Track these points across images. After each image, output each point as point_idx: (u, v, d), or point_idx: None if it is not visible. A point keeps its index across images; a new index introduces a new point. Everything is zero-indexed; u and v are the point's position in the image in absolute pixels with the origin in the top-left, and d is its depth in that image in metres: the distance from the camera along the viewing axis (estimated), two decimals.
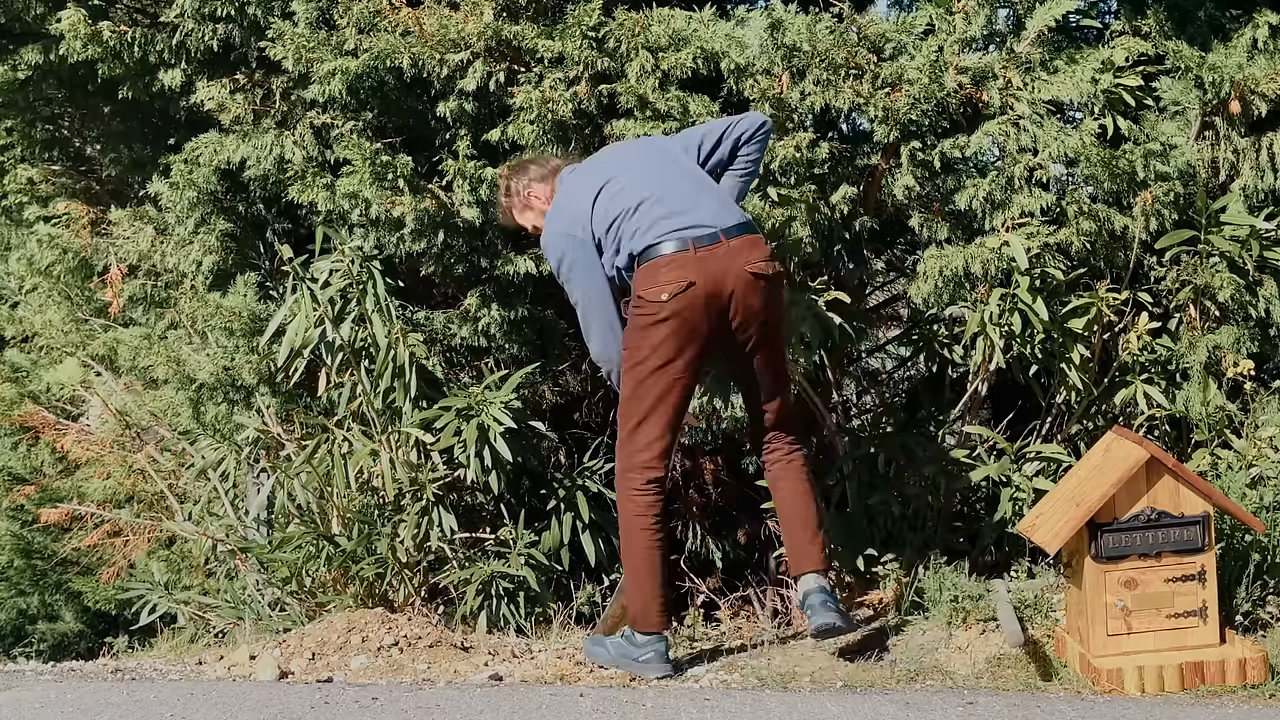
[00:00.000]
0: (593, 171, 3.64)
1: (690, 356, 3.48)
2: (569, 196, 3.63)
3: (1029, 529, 3.42)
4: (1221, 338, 4.07)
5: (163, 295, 5.21)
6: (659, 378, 3.47)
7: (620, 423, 3.57)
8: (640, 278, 3.47)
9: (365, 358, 4.43)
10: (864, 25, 4.00)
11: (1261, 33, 3.98)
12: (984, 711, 3.04)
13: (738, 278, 3.44)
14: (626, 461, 3.53)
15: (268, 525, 4.83)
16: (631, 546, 3.53)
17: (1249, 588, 3.53)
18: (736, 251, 3.46)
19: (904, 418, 4.67)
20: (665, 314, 3.41)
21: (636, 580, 3.53)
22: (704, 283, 3.41)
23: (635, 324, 3.49)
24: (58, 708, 3.10)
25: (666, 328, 3.43)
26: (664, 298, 3.41)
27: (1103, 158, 3.92)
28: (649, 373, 3.47)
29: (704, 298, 3.42)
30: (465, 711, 3.05)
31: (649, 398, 3.49)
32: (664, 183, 3.55)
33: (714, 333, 3.48)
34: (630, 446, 3.53)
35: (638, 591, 3.52)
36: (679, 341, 3.44)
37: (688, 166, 3.61)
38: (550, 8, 4.24)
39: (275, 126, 4.50)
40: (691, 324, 3.43)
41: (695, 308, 3.42)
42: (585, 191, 3.57)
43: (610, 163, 3.66)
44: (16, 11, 5.13)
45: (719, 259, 3.44)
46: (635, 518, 3.51)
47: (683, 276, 3.41)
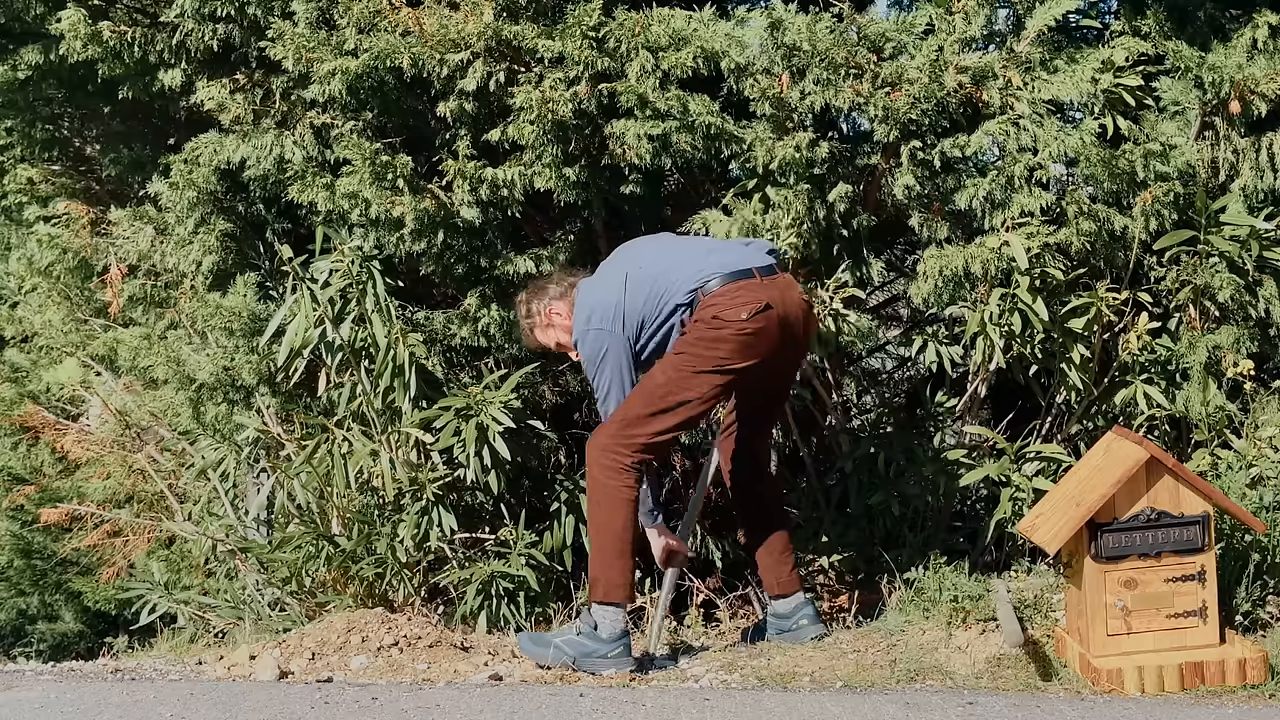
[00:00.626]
0: (611, 270, 3.75)
1: (743, 374, 3.58)
2: (595, 295, 3.70)
3: (1029, 529, 3.42)
4: (1221, 338, 4.07)
5: (163, 295, 5.21)
6: (706, 381, 3.54)
7: (633, 403, 3.58)
8: (709, 303, 3.54)
9: (365, 358, 4.43)
10: (864, 25, 4.00)
11: (1261, 33, 3.98)
12: (984, 711, 3.04)
13: (798, 306, 3.65)
14: (625, 440, 3.55)
15: (268, 525, 4.83)
16: (611, 519, 3.55)
17: (1249, 588, 3.53)
18: (791, 283, 3.69)
19: (904, 418, 4.67)
20: (747, 330, 3.50)
21: (614, 551, 3.55)
22: (778, 306, 3.56)
23: (701, 335, 3.54)
24: (57, 708, 3.10)
25: (738, 343, 3.52)
26: (743, 316, 3.50)
27: (1103, 157, 3.92)
28: (699, 374, 3.53)
29: (778, 319, 3.57)
30: (465, 711, 3.05)
31: (687, 394, 3.53)
32: (686, 247, 3.75)
33: (772, 355, 3.60)
34: (636, 428, 3.55)
35: (616, 562, 3.55)
36: (745, 357, 3.54)
37: (699, 239, 3.82)
38: (550, 8, 4.24)
39: (275, 126, 4.50)
40: (764, 343, 3.55)
41: (771, 328, 3.55)
42: (611, 288, 3.67)
43: (625, 257, 3.79)
44: (16, 11, 5.13)
45: (781, 288, 3.61)
46: (621, 490, 3.54)
47: (758, 298, 3.53)
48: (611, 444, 3.56)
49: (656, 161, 4.09)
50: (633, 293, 3.63)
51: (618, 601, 3.57)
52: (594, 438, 3.61)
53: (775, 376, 3.77)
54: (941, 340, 4.29)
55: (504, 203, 4.27)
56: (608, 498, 3.55)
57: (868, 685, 3.38)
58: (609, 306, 3.63)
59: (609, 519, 3.56)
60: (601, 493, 3.57)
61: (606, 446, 3.56)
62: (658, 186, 4.70)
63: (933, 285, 4.07)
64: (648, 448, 3.57)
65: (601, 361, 3.65)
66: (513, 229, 4.55)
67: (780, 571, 3.87)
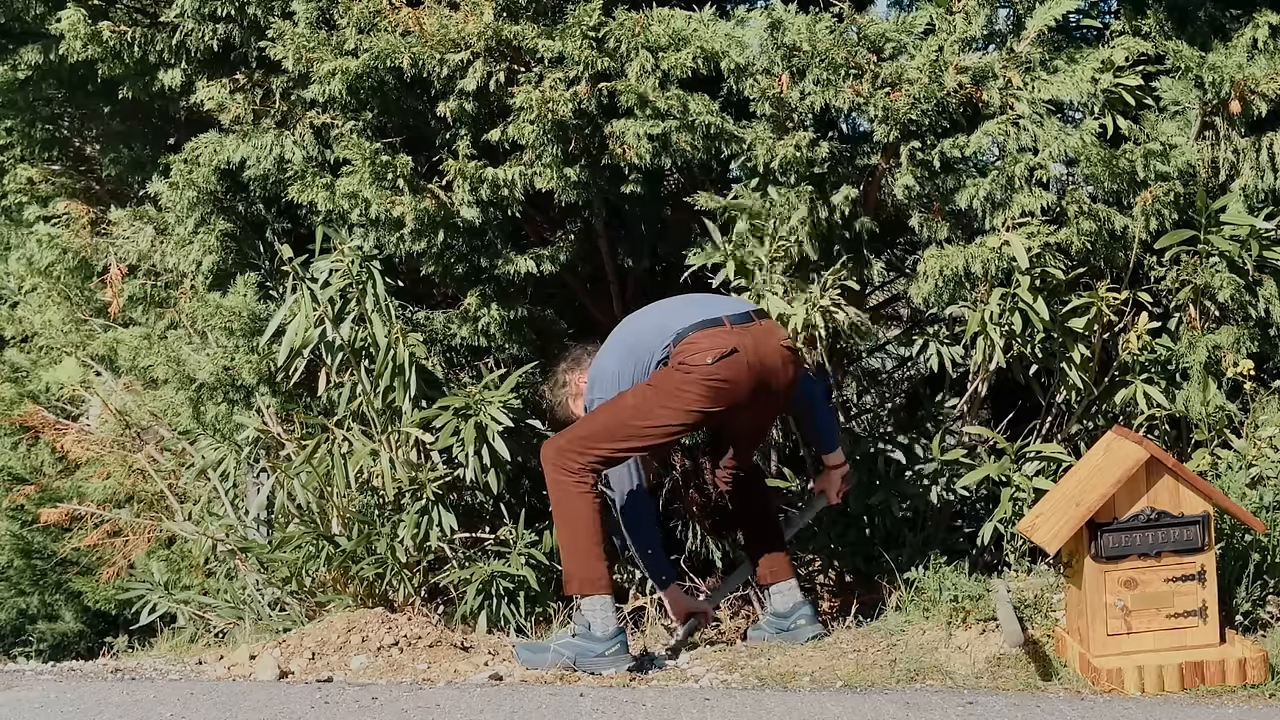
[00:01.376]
0: (612, 339, 3.82)
1: (712, 417, 3.62)
2: (597, 365, 3.80)
3: (1029, 529, 3.42)
4: (1221, 337, 4.07)
5: (163, 295, 5.21)
6: (670, 418, 3.57)
7: (597, 418, 3.63)
8: (678, 352, 3.58)
9: (365, 357, 4.43)
10: (864, 25, 4.00)
11: (1261, 33, 3.98)
12: (984, 711, 3.04)
13: (775, 351, 3.63)
14: (580, 448, 3.58)
15: (268, 525, 4.82)
16: (578, 514, 3.58)
17: (1249, 587, 3.53)
18: (769, 329, 3.69)
19: (904, 418, 4.67)
20: (715, 376, 3.52)
21: (584, 544, 3.58)
22: (746, 351, 3.56)
23: (670, 377, 3.57)
24: (57, 707, 3.10)
25: (706, 388, 3.54)
26: (709, 361, 3.52)
27: (1103, 157, 3.92)
28: (664, 409, 3.56)
29: (746, 365, 3.56)
30: (465, 711, 3.05)
31: (649, 425, 3.57)
32: (670, 309, 3.78)
33: (746, 401, 3.61)
34: (594, 443, 3.59)
35: (583, 554, 3.58)
36: (712, 403, 3.56)
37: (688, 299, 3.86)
38: (550, 8, 4.23)
39: (275, 126, 4.50)
40: (733, 389, 3.56)
41: (740, 374, 3.55)
42: (609, 356, 3.75)
43: (623, 326, 3.85)
44: (16, 11, 5.13)
45: (754, 334, 3.62)
46: (575, 484, 3.58)
47: (725, 343, 3.55)
48: (568, 447, 3.60)
49: (656, 161, 4.09)
50: (626, 357, 3.69)
51: (600, 592, 3.58)
52: (548, 443, 3.66)
53: (751, 421, 3.82)
54: (942, 340, 4.29)
55: (504, 202, 4.27)
56: (567, 495, 3.59)
57: (868, 685, 3.38)
58: (608, 375, 3.71)
59: (573, 514, 3.59)
60: (560, 491, 3.60)
61: (562, 449, 3.61)
62: (658, 186, 4.70)
63: (933, 285, 4.07)
64: (602, 460, 3.61)
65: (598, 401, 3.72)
66: (513, 229, 4.55)
67: (774, 559, 3.91)
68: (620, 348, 3.74)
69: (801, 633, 3.82)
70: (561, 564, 3.66)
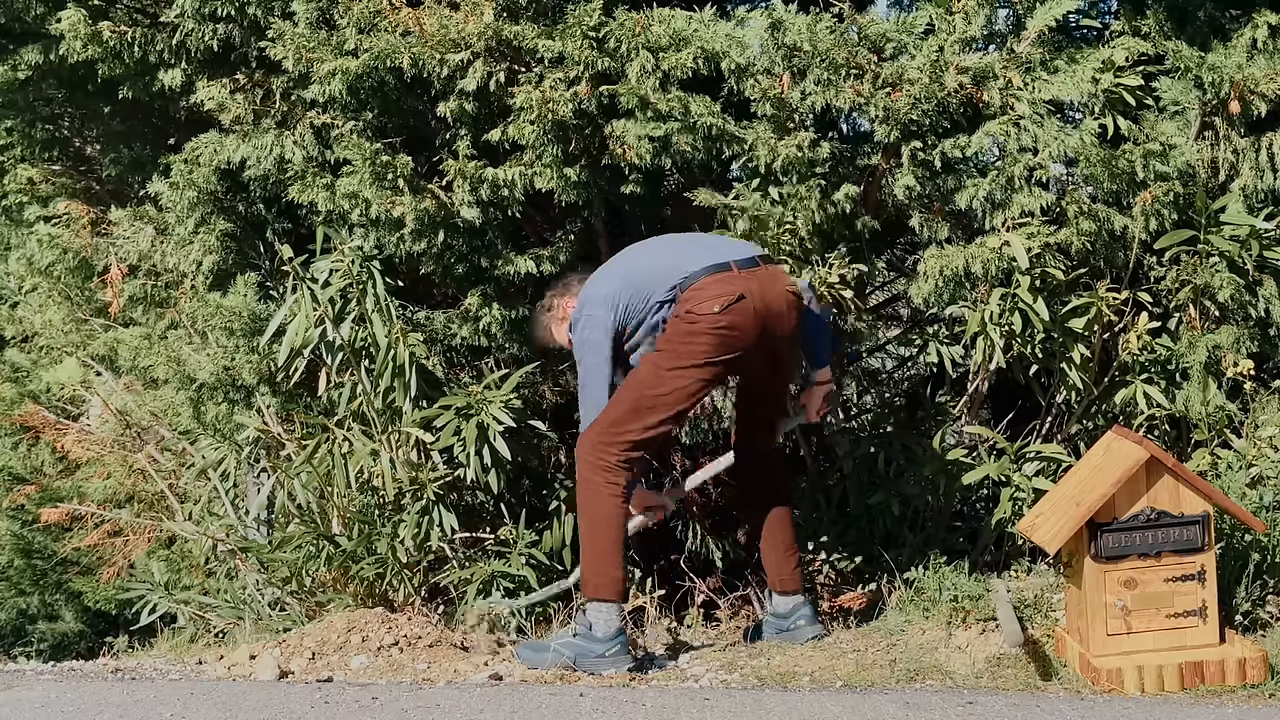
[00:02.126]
0: (608, 268, 3.81)
1: (724, 367, 3.60)
2: (590, 288, 3.76)
3: (1029, 529, 3.42)
4: (1221, 337, 4.07)
5: (163, 295, 5.21)
6: (688, 376, 3.54)
7: (619, 401, 3.60)
8: (685, 298, 3.56)
9: (365, 357, 4.43)
10: (864, 25, 4.00)
11: (1261, 33, 3.98)
12: (984, 711, 3.05)
13: (780, 297, 3.61)
14: (612, 438, 3.56)
15: (268, 525, 4.83)
16: (603, 516, 3.57)
17: (1249, 587, 3.53)
18: (774, 274, 3.66)
19: (904, 418, 4.67)
20: (721, 324, 3.50)
21: (605, 549, 3.56)
22: (753, 297, 3.54)
23: (677, 330, 3.55)
24: (58, 707, 3.10)
25: (714, 336, 3.52)
26: (715, 309, 3.51)
27: (1103, 158, 3.92)
28: (680, 369, 3.54)
29: (753, 311, 3.54)
30: (465, 711, 3.05)
31: (669, 390, 3.54)
32: (674, 247, 3.77)
33: (754, 347, 3.59)
34: (623, 426, 3.56)
35: (606, 560, 3.56)
36: (723, 350, 3.54)
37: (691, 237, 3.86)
38: (550, 8, 4.23)
39: (275, 126, 4.50)
40: (741, 336, 3.54)
41: (747, 320, 3.54)
42: (604, 282, 3.72)
43: (621, 257, 3.83)
44: (16, 11, 5.13)
45: (761, 279, 3.59)
46: (605, 486, 3.56)
47: (731, 290, 3.53)
48: (600, 441, 3.58)
49: (657, 162, 4.09)
50: (623, 287, 3.65)
51: (611, 599, 3.57)
52: (583, 437, 3.64)
53: (766, 370, 3.76)
54: (942, 340, 4.30)
55: (504, 203, 4.27)
56: (597, 495, 3.57)
57: (868, 685, 3.38)
58: (599, 297, 3.67)
59: (599, 517, 3.58)
60: (590, 490, 3.59)
61: (595, 444, 3.59)
62: (658, 186, 4.70)
63: (933, 285, 4.07)
64: (636, 445, 3.58)
65: (586, 345, 3.67)
66: (513, 229, 4.55)
67: (784, 569, 3.88)
68: (618, 276, 3.70)
69: (801, 633, 3.81)
70: (580, 564, 3.65)
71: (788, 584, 3.88)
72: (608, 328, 3.64)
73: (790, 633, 3.83)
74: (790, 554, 3.89)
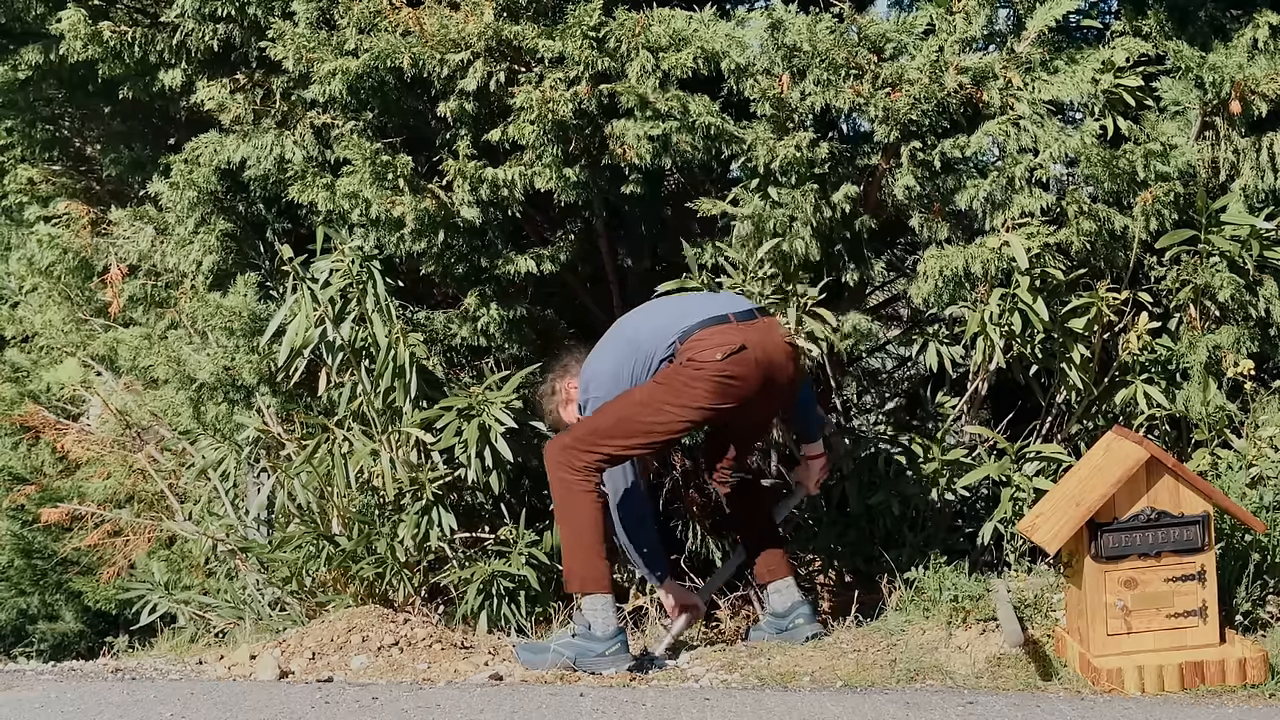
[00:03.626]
0: (607, 341, 3.82)
1: (719, 414, 3.62)
2: (592, 365, 3.78)
3: (1029, 529, 3.42)
4: (1221, 337, 4.07)
5: (163, 295, 5.21)
6: (678, 416, 3.57)
7: (605, 415, 3.62)
8: (686, 348, 3.58)
9: (365, 357, 4.43)
10: (864, 25, 4.00)
11: (1262, 33, 3.98)
12: (984, 711, 3.05)
13: (778, 347, 3.66)
14: (587, 446, 3.59)
15: (268, 525, 4.83)
16: (581, 513, 3.59)
17: (1249, 587, 3.53)
18: (772, 325, 3.72)
19: (904, 418, 4.67)
20: (725, 372, 3.52)
21: (587, 543, 3.58)
22: (754, 348, 3.58)
23: (681, 373, 3.57)
24: (58, 707, 3.10)
25: (716, 384, 3.54)
26: (718, 357, 3.53)
27: (1103, 158, 3.92)
28: (673, 407, 3.56)
29: (754, 361, 3.57)
30: (465, 711, 3.05)
31: (657, 422, 3.57)
32: (670, 309, 3.80)
33: (755, 398, 3.62)
34: (601, 439, 3.59)
35: (585, 552, 3.58)
36: (722, 399, 3.57)
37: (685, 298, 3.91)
38: (550, 8, 4.23)
39: (275, 126, 4.50)
40: (743, 385, 3.57)
41: (749, 370, 3.56)
42: (606, 357, 3.75)
43: (618, 328, 3.85)
44: (16, 11, 5.13)
45: (759, 330, 3.64)
46: (579, 483, 3.58)
47: (732, 340, 3.56)
48: (573, 445, 3.61)
49: (657, 162, 4.09)
50: (625, 359, 3.69)
51: (601, 591, 3.59)
52: (555, 440, 3.67)
53: (757, 417, 3.84)
54: (942, 340, 4.29)
55: (504, 203, 4.27)
56: (571, 493, 3.59)
57: (868, 685, 3.38)
58: (604, 375, 3.71)
59: (573, 512, 3.60)
60: (563, 488, 3.61)
61: (567, 447, 3.61)
62: (658, 186, 4.70)
63: (933, 285, 4.07)
64: (609, 459, 3.62)
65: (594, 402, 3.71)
66: (513, 229, 4.55)
67: (771, 557, 3.93)
68: (618, 347, 3.74)
69: (800, 632, 3.82)
70: (563, 562, 3.66)
71: (777, 570, 3.92)
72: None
73: (789, 632, 3.83)
74: (774, 541, 3.96)
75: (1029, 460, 4.12)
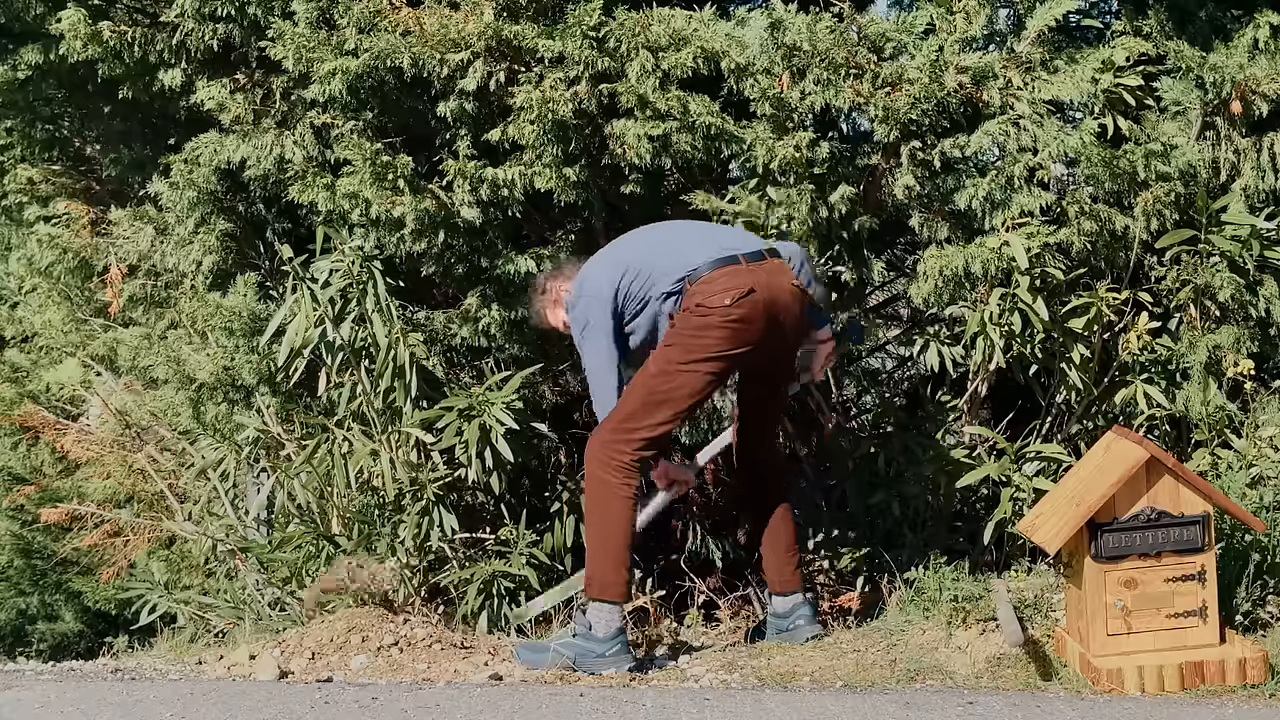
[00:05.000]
0: (608, 251, 3.78)
1: (733, 361, 3.58)
2: (589, 269, 3.74)
3: (1029, 529, 3.42)
4: (1222, 337, 4.07)
5: (163, 295, 5.21)
6: (698, 370, 3.53)
7: (630, 398, 3.59)
8: (694, 292, 3.54)
9: (365, 358, 4.42)
10: (864, 25, 4.00)
11: (1263, 33, 3.98)
12: (984, 711, 3.04)
13: (785, 290, 3.61)
14: (624, 436, 3.55)
15: (268, 525, 4.82)
16: (611, 515, 3.56)
17: (1249, 588, 3.53)
18: (780, 268, 3.64)
19: (904, 418, 4.67)
20: (732, 316, 3.50)
21: (612, 548, 3.56)
22: (761, 290, 3.54)
23: (688, 323, 3.54)
24: (58, 707, 3.10)
25: (726, 330, 3.51)
26: (726, 302, 3.50)
27: (1103, 157, 3.92)
28: (690, 363, 3.53)
29: (762, 304, 3.54)
30: (465, 711, 3.05)
31: (680, 385, 3.54)
32: (678, 235, 3.74)
33: (762, 342, 3.58)
34: (634, 423, 3.55)
35: (611, 559, 3.55)
36: (733, 344, 3.53)
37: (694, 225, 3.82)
38: (550, 8, 4.24)
39: (275, 126, 4.50)
40: (751, 329, 3.54)
41: (756, 314, 3.53)
42: (604, 264, 3.70)
43: (621, 241, 3.81)
44: (16, 11, 5.13)
45: (769, 273, 3.59)
46: (619, 487, 3.55)
47: (741, 283, 3.52)
48: (612, 439, 3.57)
49: (656, 161, 4.09)
50: (624, 272, 3.64)
51: (613, 599, 3.57)
52: (594, 435, 3.62)
53: (771, 366, 3.76)
54: (942, 340, 4.29)
55: (504, 203, 4.27)
56: (606, 494, 3.56)
57: (868, 685, 3.38)
58: (599, 278, 3.66)
59: (607, 516, 3.57)
60: (600, 489, 3.57)
61: (607, 443, 3.57)
62: (658, 186, 4.70)
63: (933, 285, 4.07)
64: (649, 442, 3.57)
65: (587, 329, 3.65)
66: (513, 229, 4.55)
67: (785, 570, 3.88)
68: (618, 261, 3.68)
69: (800, 632, 3.81)
70: (586, 564, 3.64)
71: (788, 584, 3.88)
72: (607, 312, 3.62)
73: (790, 632, 3.83)
74: (791, 554, 3.89)
75: (1029, 460, 4.11)
